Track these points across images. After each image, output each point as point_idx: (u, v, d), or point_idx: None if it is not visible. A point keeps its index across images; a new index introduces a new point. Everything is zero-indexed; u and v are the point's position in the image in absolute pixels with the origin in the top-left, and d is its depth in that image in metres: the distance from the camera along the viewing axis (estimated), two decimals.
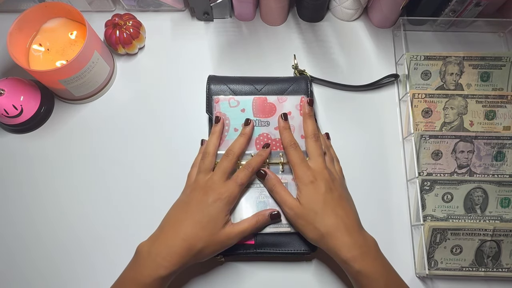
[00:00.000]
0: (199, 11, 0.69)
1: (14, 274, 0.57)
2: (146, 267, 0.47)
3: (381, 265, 0.49)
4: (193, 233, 0.49)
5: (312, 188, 0.51)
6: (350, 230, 0.50)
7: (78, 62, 0.57)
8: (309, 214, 0.50)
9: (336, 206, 0.51)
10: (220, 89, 0.60)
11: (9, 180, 0.62)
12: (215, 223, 0.50)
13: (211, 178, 0.52)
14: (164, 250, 0.48)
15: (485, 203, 0.57)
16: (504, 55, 0.63)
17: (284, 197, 0.52)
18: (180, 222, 0.50)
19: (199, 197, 0.51)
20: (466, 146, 0.59)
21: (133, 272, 0.48)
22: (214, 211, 0.50)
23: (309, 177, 0.51)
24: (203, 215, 0.50)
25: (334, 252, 0.49)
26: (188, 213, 0.50)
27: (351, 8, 0.67)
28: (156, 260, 0.47)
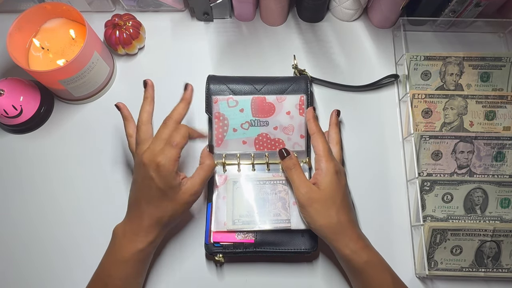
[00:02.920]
0: (199, 11, 0.69)
1: (14, 274, 0.57)
2: (123, 245, 0.50)
3: (382, 258, 0.51)
4: (154, 209, 0.49)
5: (337, 178, 0.52)
6: (357, 225, 0.53)
7: (78, 62, 0.57)
8: (327, 201, 0.50)
9: (350, 202, 0.54)
10: (219, 89, 0.60)
11: (9, 180, 0.62)
12: (168, 191, 0.49)
13: (149, 148, 0.50)
14: (136, 228, 0.49)
15: (485, 204, 0.57)
16: (504, 55, 0.63)
17: (303, 179, 0.52)
18: (139, 202, 0.50)
19: (142, 172, 0.49)
20: (466, 146, 0.59)
21: (112, 253, 0.50)
22: (161, 182, 0.48)
23: (336, 167, 0.52)
24: (154, 190, 0.49)
25: (342, 243, 0.50)
26: (142, 191, 0.50)
27: (351, 9, 0.67)
28: (131, 237, 0.49)
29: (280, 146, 0.58)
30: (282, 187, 0.56)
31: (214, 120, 0.59)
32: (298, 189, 0.52)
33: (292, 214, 0.55)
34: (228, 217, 0.55)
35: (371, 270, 0.49)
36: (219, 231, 0.54)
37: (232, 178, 0.57)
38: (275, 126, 0.58)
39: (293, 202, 0.56)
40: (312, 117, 0.57)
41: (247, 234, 0.54)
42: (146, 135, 0.52)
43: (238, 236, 0.54)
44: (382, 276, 0.49)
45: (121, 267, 0.49)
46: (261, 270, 0.56)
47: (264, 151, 0.58)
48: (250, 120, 0.59)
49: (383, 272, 0.50)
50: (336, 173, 0.52)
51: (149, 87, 0.55)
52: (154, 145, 0.50)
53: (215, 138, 0.59)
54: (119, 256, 0.49)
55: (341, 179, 0.52)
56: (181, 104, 0.54)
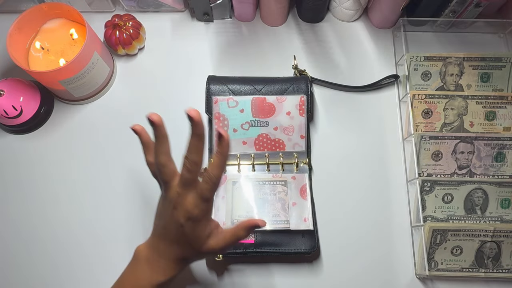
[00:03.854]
0: (199, 11, 0.69)
1: (14, 274, 0.57)
2: (146, 273, 0.47)
3: None
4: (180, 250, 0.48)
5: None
6: None
7: (78, 62, 0.57)
8: None
9: None
10: (219, 89, 0.60)
11: (9, 181, 0.62)
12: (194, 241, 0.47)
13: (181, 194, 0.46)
14: (162, 260, 0.48)
15: (485, 204, 0.57)
16: (504, 55, 0.63)
17: None
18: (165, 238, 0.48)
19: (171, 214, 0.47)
20: (466, 147, 0.59)
21: (132, 277, 0.48)
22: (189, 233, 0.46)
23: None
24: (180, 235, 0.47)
25: None
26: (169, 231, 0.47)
27: (351, 9, 0.67)
28: (154, 267, 0.48)
29: (280, 146, 0.58)
30: (282, 188, 0.56)
31: (214, 120, 0.59)
32: None
33: (291, 215, 0.55)
34: (227, 217, 0.55)
35: None
36: None
37: (231, 178, 0.57)
38: (275, 127, 0.58)
39: (293, 203, 0.56)
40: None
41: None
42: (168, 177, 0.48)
43: None
44: None
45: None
46: (261, 270, 0.56)
47: (264, 151, 0.58)
48: (250, 120, 0.58)
49: None
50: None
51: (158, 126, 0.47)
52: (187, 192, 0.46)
53: (215, 139, 0.58)
54: (139, 283, 0.47)
55: None
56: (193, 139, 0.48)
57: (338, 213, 0.59)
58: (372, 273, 0.56)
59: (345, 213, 0.59)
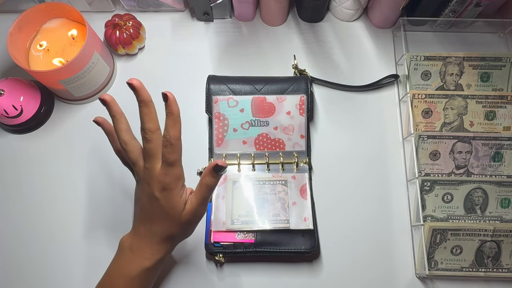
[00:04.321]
0: (199, 11, 0.69)
1: (14, 273, 0.57)
2: (130, 261, 0.48)
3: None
4: (161, 228, 0.48)
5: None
6: None
7: (78, 62, 0.57)
8: None
9: None
10: (219, 89, 0.60)
11: (9, 180, 0.62)
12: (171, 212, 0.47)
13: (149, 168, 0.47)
14: (144, 245, 0.48)
15: (485, 204, 0.57)
16: (504, 55, 0.63)
17: None
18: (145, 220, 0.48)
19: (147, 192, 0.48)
20: (464, 146, 0.59)
21: (119, 267, 0.49)
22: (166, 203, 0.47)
23: None
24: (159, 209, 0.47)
25: None
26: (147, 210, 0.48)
27: (351, 9, 0.67)
28: (139, 254, 0.48)
29: (280, 146, 0.58)
30: (282, 188, 0.56)
31: (214, 120, 0.59)
32: None
33: (291, 215, 0.55)
34: (227, 217, 0.55)
35: None
36: (219, 231, 0.55)
37: (231, 178, 0.57)
38: (275, 126, 0.58)
39: (293, 203, 0.56)
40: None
41: (247, 234, 0.54)
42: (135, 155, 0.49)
43: (238, 236, 0.54)
44: None
45: (128, 283, 0.48)
46: (261, 270, 0.56)
47: (264, 151, 0.58)
48: (250, 120, 0.59)
49: None
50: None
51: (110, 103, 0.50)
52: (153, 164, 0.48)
53: (215, 138, 0.59)
54: (126, 272, 0.48)
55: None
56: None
57: (338, 212, 0.59)
58: (372, 272, 0.56)
59: (345, 212, 0.59)
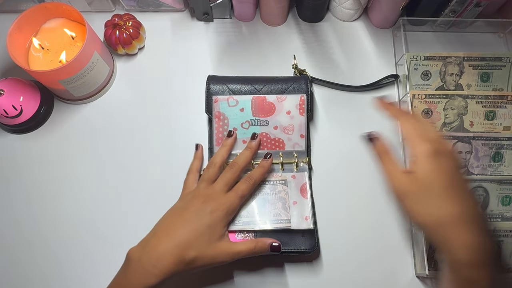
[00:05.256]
0: (199, 11, 0.69)
1: (16, 273, 0.57)
2: (135, 275, 0.46)
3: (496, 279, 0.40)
4: (188, 240, 0.47)
5: (436, 162, 0.42)
6: (475, 226, 0.40)
7: (78, 62, 0.57)
8: (425, 194, 0.42)
9: (463, 190, 0.42)
10: (219, 89, 0.60)
11: (9, 180, 0.62)
12: (211, 233, 0.48)
13: (213, 187, 0.52)
14: (155, 257, 0.46)
15: (486, 202, 0.57)
16: (504, 55, 0.63)
17: (393, 168, 0.45)
18: (175, 228, 0.48)
19: (198, 204, 0.50)
20: (464, 146, 0.59)
21: (123, 279, 0.47)
22: (212, 221, 0.48)
23: (434, 147, 0.42)
24: (200, 223, 0.48)
25: (447, 248, 0.40)
26: (185, 220, 0.48)
27: (351, 9, 0.67)
28: (146, 268, 0.45)
29: (280, 146, 0.58)
30: (282, 187, 0.56)
31: (214, 119, 0.59)
32: (389, 180, 0.45)
33: (292, 214, 0.55)
34: None
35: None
36: None
37: None
38: (275, 126, 0.58)
39: (293, 202, 0.56)
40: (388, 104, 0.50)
41: (247, 234, 0.54)
42: (214, 176, 0.53)
43: (238, 236, 0.54)
44: None
45: None
46: (262, 270, 0.56)
47: (264, 150, 0.58)
48: (250, 119, 0.59)
49: None
50: (434, 155, 0.42)
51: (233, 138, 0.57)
52: (218, 186, 0.52)
53: (215, 138, 0.59)
54: (128, 286, 0.46)
55: (443, 162, 0.42)
56: (247, 152, 0.56)
57: (338, 212, 0.59)
58: (372, 272, 0.56)
59: (345, 212, 0.59)
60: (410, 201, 0.43)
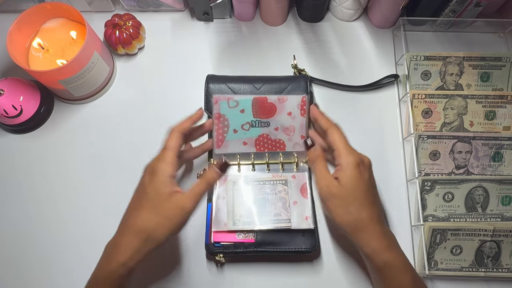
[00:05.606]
0: (199, 11, 0.69)
1: (13, 274, 0.57)
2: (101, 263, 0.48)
3: (406, 259, 0.49)
4: (137, 219, 0.47)
5: (358, 172, 0.49)
6: (381, 221, 0.50)
7: (77, 62, 0.57)
8: (348, 198, 0.48)
9: (375, 196, 0.51)
10: (218, 88, 0.61)
11: (9, 180, 0.62)
12: (155, 199, 0.47)
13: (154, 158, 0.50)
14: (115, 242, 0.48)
15: (486, 202, 0.57)
16: (504, 55, 0.63)
17: (324, 173, 0.51)
18: (127, 213, 0.49)
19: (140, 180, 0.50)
20: (464, 146, 0.59)
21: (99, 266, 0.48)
22: (151, 187, 0.47)
23: (357, 160, 0.50)
24: (142, 196, 0.48)
25: (363, 241, 0.48)
26: (132, 200, 0.49)
27: (351, 9, 0.67)
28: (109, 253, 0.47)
29: (280, 146, 0.58)
30: (282, 187, 0.56)
31: (214, 121, 0.59)
32: (319, 182, 0.51)
33: (292, 214, 0.55)
34: (229, 218, 0.55)
35: (390, 271, 0.47)
36: (219, 231, 0.54)
37: (232, 178, 0.57)
38: (276, 127, 0.58)
39: (294, 202, 0.56)
40: (319, 114, 0.55)
41: (247, 234, 0.54)
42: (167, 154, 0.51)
43: (239, 236, 0.54)
44: (401, 279, 0.47)
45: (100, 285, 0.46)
46: (262, 269, 0.56)
47: (265, 151, 0.58)
48: (251, 121, 0.58)
49: (403, 275, 0.47)
50: (358, 166, 0.49)
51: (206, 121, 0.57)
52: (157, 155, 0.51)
53: (216, 140, 0.58)
54: (95, 276, 0.47)
55: (363, 172, 0.50)
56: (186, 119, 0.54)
57: None
58: None
59: None
60: (334, 203, 0.49)
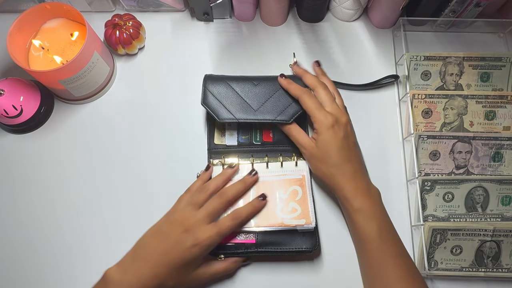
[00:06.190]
0: (199, 11, 0.69)
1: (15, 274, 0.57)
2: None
3: (379, 209, 0.53)
4: (166, 271, 0.48)
5: (332, 133, 0.53)
6: (358, 174, 0.54)
7: (78, 62, 0.57)
8: (324, 156, 0.54)
9: (351, 152, 0.55)
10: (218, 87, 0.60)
11: (9, 180, 0.62)
12: (189, 266, 0.49)
13: (196, 215, 0.50)
14: (135, 283, 0.47)
15: (486, 202, 0.57)
16: (504, 55, 0.63)
17: (300, 138, 0.56)
18: (155, 255, 0.49)
19: (178, 233, 0.49)
20: (464, 146, 0.59)
21: None
22: (191, 256, 0.48)
23: (330, 122, 0.54)
24: (179, 257, 0.48)
25: (338, 187, 0.53)
26: (165, 249, 0.49)
27: (351, 9, 0.67)
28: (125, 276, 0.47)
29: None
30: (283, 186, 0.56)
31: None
32: (301, 147, 0.57)
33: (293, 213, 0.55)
34: None
35: (358, 217, 0.52)
36: None
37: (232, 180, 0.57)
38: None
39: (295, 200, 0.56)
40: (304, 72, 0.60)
41: (248, 235, 0.54)
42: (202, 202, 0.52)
43: (239, 237, 0.54)
44: (367, 225, 0.51)
45: None
46: (263, 269, 0.56)
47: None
48: None
49: (370, 222, 0.51)
50: (332, 127, 0.53)
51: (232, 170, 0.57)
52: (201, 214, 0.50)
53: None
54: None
55: (337, 131, 0.54)
56: (240, 185, 0.55)
57: (338, 211, 0.59)
58: None
59: None
60: (315, 161, 0.55)
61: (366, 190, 0.53)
